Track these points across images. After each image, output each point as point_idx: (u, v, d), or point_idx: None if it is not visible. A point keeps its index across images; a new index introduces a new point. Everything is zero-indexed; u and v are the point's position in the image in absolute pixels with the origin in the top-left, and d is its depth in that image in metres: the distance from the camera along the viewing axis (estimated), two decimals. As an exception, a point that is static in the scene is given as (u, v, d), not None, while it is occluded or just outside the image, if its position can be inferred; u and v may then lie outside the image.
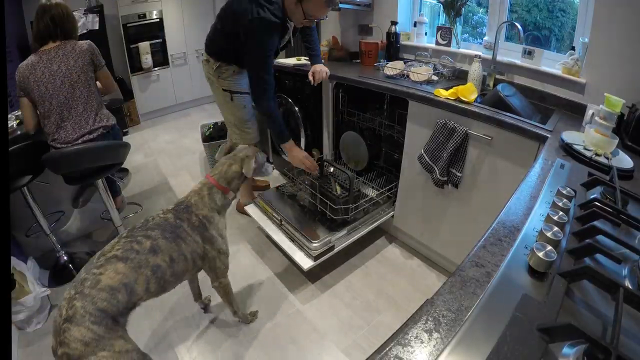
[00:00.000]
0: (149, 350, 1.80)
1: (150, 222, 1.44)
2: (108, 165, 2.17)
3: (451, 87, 1.96)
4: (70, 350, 1.08)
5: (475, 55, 2.22)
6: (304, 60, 2.99)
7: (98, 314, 1.15)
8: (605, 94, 1.45)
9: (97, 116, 2.11)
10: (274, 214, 2.36)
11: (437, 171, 1.96)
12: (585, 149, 1.29)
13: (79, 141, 2.03)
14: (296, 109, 2.86)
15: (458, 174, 1.91)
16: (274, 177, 3.53)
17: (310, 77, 2.36)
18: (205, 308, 2.03)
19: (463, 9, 2.47)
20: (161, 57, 5.10)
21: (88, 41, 2.10)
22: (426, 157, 2.01)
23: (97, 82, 2.17)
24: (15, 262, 2.01)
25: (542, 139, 1.51)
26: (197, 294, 1.99)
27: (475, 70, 2.18)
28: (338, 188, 2.31)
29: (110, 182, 2.65)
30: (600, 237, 0.76)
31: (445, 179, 1.95)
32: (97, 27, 4.20)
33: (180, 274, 1.48)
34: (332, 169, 2.53)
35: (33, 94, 1.94)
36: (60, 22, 1.99)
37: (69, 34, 2.05)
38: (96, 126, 2.09)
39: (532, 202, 0.94)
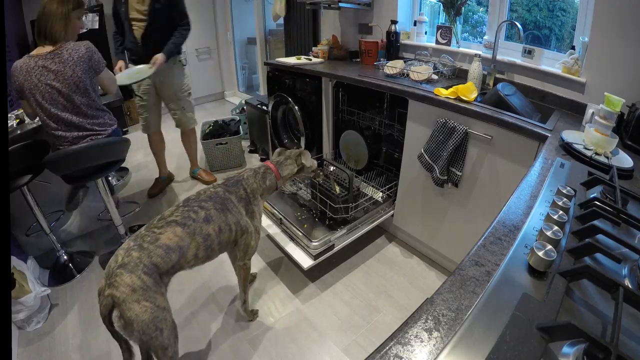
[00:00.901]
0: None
1: (202, 195, 1.57)
2: (110, 162, 2.17)
3: (451, 86, 1.96)
4: (117, 292, 1.18)
5: (475, 54, 2.22)
6: (304, 59, 2.99)
7: (151, 267, 1.27)
8: (605, 93, 1.45)
9: (96, 123, 2.06)
10: (273, 213, 2.36)
11: (437, 170, 1.96)
12: (585, 148, 1.29)
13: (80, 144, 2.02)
14: (296, 107, 2.86)
15: (458, 173, 1.91)
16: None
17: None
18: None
19: (463, 8, 2.47)
20: (161, 56, 5.08)
21: (85, 43, 1.97)
22: (426, 156, 2.01)
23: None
24: (15, 262, 2.01)
25: (542, 138, 1.51)
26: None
27: (475, 69, 2.18)
28: (337, 187, 2.31)
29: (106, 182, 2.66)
30: (600, 237, 0.76)
31: (445, 177, 1.95)
32: (97, 27, 4.21)
33: (224, 245, 1.59)
34: (332, 168, 2.53)
35: (30, 101, 1.90)
36: (56, 24, 1.87)
37: (65, 37, 1.94)
38: (96, 133, 2.07)
39: (532, 201, 0.94)
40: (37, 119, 2.04)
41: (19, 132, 2.13)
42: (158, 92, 2.97)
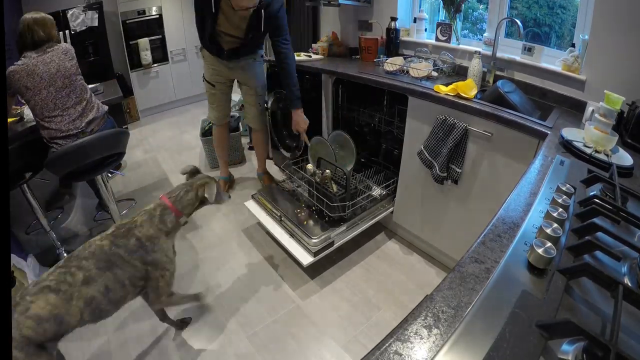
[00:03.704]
0: (147, 341, 1.81)
1: (85, 251, 1.40)
2: (111, 156, 2.19)
3: (451, 83, 1.96)
4: None
5: (475, 51, 2.22)
6: (303, 55, 2.98)
7: (21, 340, 1.15)
8: (605, 91, 1.45)
9: (94, 104, 2.18)
10: (273, 210, 2.37)
11: (437, 167, 1.96)
12: (585, 145, 1.29)
13: (80, 128, 2.07)
14: (296, 105, 2.85)
15: (458, 170, 1.91)
16: (274, 173, 3.52)
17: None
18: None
19: (463, 5, 2.46)
20: (160, 54, 5.09)
21: (68, 43, 2.22)
22: (426, 153, 2.01)
23: None
24: (15, 260, 2.01)
25: (542, 136, 1.51)
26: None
27: (475, 66, 2.18)
28: (335, 186, 2.31)
29: (94, 186, 2.69)
30: (599, 234, 0.76)
31: (445, 174, 1.95)
32: (96, 24, 4.19)
33: (119, 300, 1.45)
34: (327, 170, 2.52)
35: (28, 88, 1.94)
36: (45, 33, 2.04)
37: (54, 40, 2.09)
38: (96, 114, 2.16)
39: (531, 198, 0.94)
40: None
41: (18, 130, 2.13)
42: (240, 85, 2.87)
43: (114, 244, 1.44)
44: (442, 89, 1.94)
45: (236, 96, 5.79)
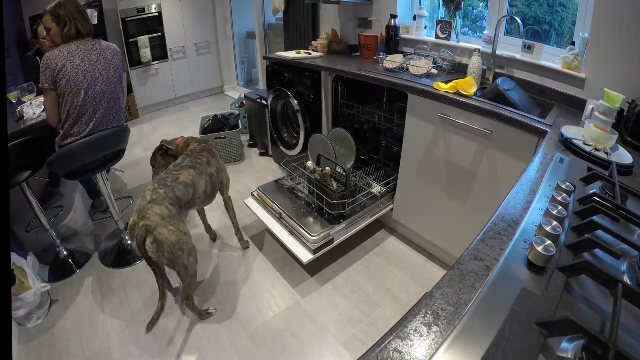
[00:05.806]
0: (147, 340, 1.82)
1: (195, 150, 2.02)
2: (112, 154, 2.19)
3: (451, 81, 1.96)
4: (149, 222, 1.52)
5: (475, 49, 2.21)
6: (303, 53, 2.98)
7: (175, 199, 1.66)
8: (605, 89, 1.45)
9: (123, 114, 2.19)
10: (273, 208, 2.37)
11: None
12: (584, 144, 1.29)
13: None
14: (295, 102, 2.85)
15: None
16: (273, 171, 3.52)
17: None
18: (215, 238, 2.60)
19: (463, 2, 2.45)
20: (160, 51, 5.09)
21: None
22: None
23: None
24: (15, 258, 2.01)
25: (541, 134, 1.51)
26: (208, 228, 2.57)
27: (475, 64, 2.17)
28: (334, 183, 2.30)
29: (92, 186, 2.70)
30: (599, 233, 0.76)
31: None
32: (95, 22, 4.18)
33: (219, 185, 2.10)
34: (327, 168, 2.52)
35: (69, 83, 1.86)
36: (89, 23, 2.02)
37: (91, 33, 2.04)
38: (121, 123, 2.18)
39: (531, 196, 0.94)
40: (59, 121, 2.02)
41: (16, 129, 2.13)
42: None
43: (212, 155, 2.09)
44: (442, 87, 1.94)
45: (235, 94, 5.81)
